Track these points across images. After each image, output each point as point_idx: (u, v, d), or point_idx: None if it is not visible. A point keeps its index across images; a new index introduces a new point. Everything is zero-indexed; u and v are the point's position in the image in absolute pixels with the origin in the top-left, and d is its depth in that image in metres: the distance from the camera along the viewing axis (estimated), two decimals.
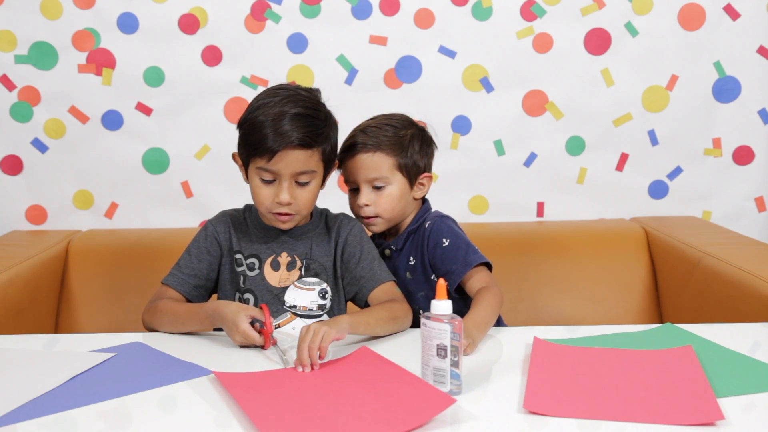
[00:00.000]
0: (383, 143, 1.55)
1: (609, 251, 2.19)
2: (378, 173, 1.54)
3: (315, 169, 1.45)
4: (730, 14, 2.31)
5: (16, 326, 1.82)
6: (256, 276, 1.52)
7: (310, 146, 1.42)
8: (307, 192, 1.46)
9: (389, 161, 1.55)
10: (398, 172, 1.56)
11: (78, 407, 1.07)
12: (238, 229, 1.56)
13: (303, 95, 1.46)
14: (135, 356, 1.30)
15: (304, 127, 1.40)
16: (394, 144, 1.56)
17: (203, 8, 2.28)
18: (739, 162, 2.39)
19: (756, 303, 1.63)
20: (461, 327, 1.11)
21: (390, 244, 1.62)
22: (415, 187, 1.60)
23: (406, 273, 1.60)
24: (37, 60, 2.28)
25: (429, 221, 1.58)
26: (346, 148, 1.58)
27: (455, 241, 1.53)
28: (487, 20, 2.31)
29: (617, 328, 1.42)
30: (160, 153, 2.35)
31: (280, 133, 1.39)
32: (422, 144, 1.60)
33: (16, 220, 2.36)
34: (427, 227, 1.57)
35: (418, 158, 1.58)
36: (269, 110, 1.41)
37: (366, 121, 1.62)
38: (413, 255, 1.59)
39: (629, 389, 1.09)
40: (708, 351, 1.25)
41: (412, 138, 1.58)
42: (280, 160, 1.40)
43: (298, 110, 1.41)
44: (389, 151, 1.55)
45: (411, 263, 1.59)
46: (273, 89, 1.48)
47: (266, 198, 1.45)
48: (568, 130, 2.37)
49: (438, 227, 1.56)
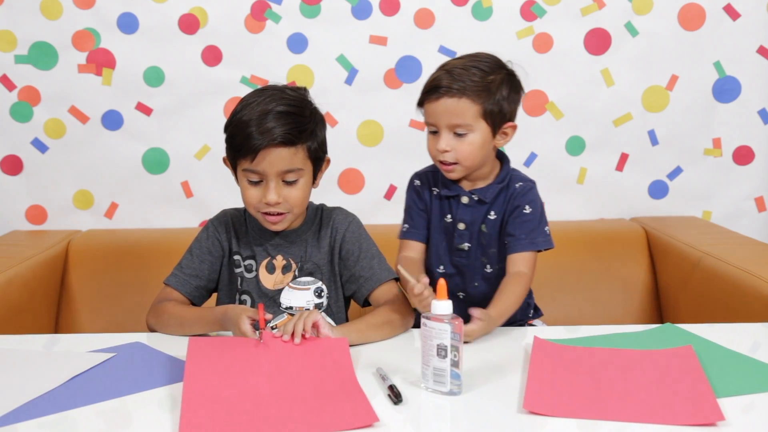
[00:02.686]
0: (469, 88, 1.44)
1: (609, 251, 2.19)
2: (462, 120, 1.46)
3: (301, 167, 1.43)
4: (730, 14, 2.31)
5: (16, 326, 1.82)
6: (253, 278, 1.52)
7: (293, 143, 1.40)
8: (296, 191, 1.44)
9: (474, 108, 1.45)
10: (482, 120, 1.46)
11: (78, 407, 1.07)
12: (239, 229, 1.55)
13: (288, 93, 1.45)
14: (135, 356, 1.30)
15: (286, 124, 1.39)
16: (482, 90, 1.45)
17: (203, 8, 2.28)
18: (739, 162, 2.39)
19: (756, 303, 1.63)
20: (461, 327, 1.11)
21: (471, 192, 1.55)
22: (498, 136, 1.51)
23: (481, 225, 1.55)
24: (37, 60, 2.28)
25: (520, 182, 1.55)
26: (429, 89, 1.49)
27: (534, 212, 1.53)
28: (487, 20, 2.31)
29: (617, 328, 1.42)
30: (160, 153, 2.35)
31: (262, 132, 1.38)
32: (510, 90, 1.50)
33: (16, 220, 2.36)
34: (518, 188, 1.54)
35: (505, 105, 1.48)
36: (252, 110, 1.41)
37: (452, 60, 1.52)
38: (496, 210, 1.55)
39: (629, 389, 1.10)
40: (708, 351, 1.25)
41: (501, 83, 1.48)
42: (263, 159, 1.39)
43: (281, 108, 1.41)
44: (475, 97, 1.45)
45: (491, 218, 1.55)
46: (259, 89, 1.48)
47: (254, 198, 1.44)
48: (568, 130, 2.37)
49: (526, 192, 1.54)
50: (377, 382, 1.15)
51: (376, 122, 2.34)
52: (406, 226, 1.62)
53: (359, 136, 2.34)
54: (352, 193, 2.38)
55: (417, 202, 1.61)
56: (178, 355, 1.29)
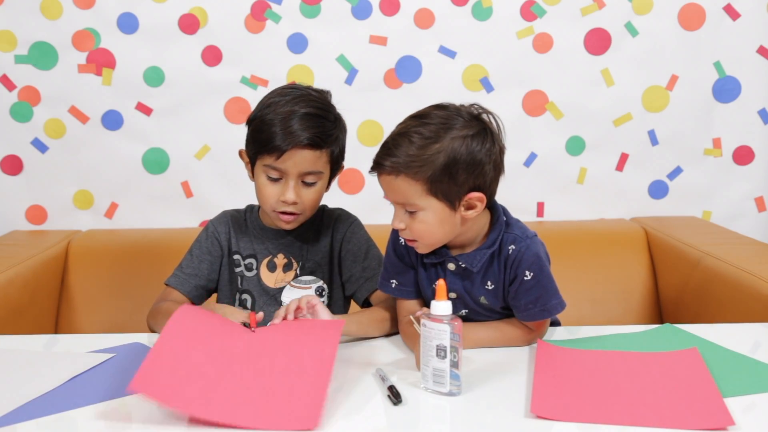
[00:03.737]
0: (404, 165, 1.20)
1: (609, 251, 2.19)
2: (405, 199, 1.23)
3: (322, 170, 1.45)
4: (730, 14, 2.31)
5: (16, 326, 1.82)
6: (254, 276, 1.52)
7: (319, 147, 1.41)
8: (312, 192, 1.45)
9: (416, 186, 1.21)
10: (431, 197, 1.22)
11: (78, 407, 1.07)
12: (238, 229, 1.56)
13: (314, 95, 1.46)
14: (135, 356, 1.30)
15: (314, 127, 1.40)
16: (420, 165, 1.19)
17: (203, 8, 2.28)
18: (739, 162, 2.39)
19: (756, 303, 1.63)
20: (461, 327, 1.11)
21: (458, 259, 1.31)
22: (460, 209, 1.24)
23: (480, 297, 1.32)
24: (37, 60, 2.28)
25: (512, 245, 1.28)
26: (373, 162, 1.26)
27: (536, 276, 1.27)
28: (487, 20, 2.31)
29: (616, 329, 1.41)
30: (160, 153, 2.35)
31: (291, 132, 1.38)
32: (473, 154, 1.21)
33: (16, 220, 2.36)
34: (511, 253, 1.28)
35: (461, 177, 1.21)
36: (280, 108, 1.41)
37: (400, 123, 1.27)
38: (492, 280, 1.31)
39: (636, 393, 1.09)
40: (708, 351, 1.25)
41: (450, 153, 1.20)
42: (289, 158, 1.40)
43: (309, 110, 1.41)
44: (413, 174, 1.20)
45: (489, 288, 1.31)
46: (284, 88, 1.48)
47: (271, 196, 1.44)
48: (568, 130, 2.37)
49: (521, 257, 1.27)
50: (377, 382, 1.15)
51: (376, 122, 2.34)
52: (394, 282, 1.38)
53: (359, 136, 2.34)
54: (352, 193, 2.38)
55: (403, 257, 1.38)
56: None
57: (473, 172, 1.22)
